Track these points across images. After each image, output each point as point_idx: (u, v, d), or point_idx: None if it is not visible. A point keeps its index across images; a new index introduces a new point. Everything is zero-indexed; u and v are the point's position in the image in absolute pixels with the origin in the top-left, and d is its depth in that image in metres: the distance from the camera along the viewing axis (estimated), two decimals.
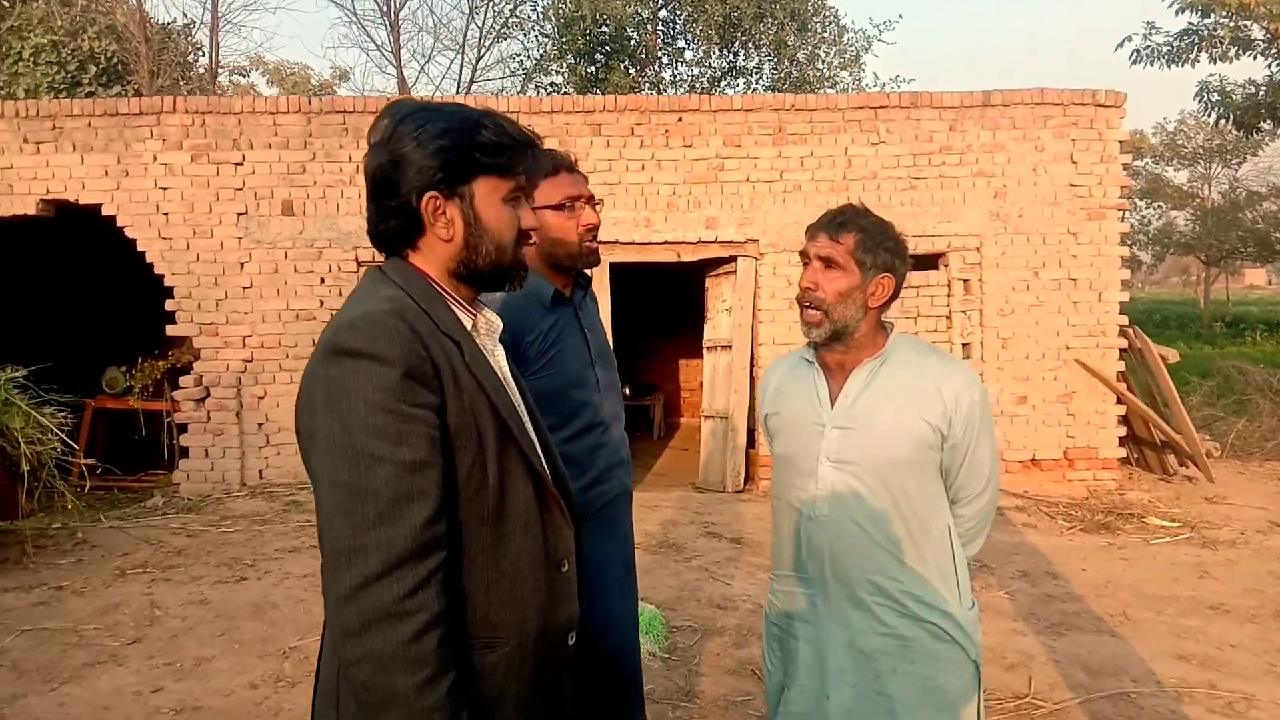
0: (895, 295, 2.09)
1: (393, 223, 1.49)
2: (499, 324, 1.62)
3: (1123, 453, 8.16)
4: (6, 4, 14.75)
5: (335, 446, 1.31)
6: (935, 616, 2.00)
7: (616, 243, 7.90)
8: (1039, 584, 5.33)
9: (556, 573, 1.53)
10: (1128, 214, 9.21)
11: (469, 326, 1.51)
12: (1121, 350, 8.12)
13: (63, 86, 14.05)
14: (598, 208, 2.40)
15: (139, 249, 7.82)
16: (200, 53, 18.05)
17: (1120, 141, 8.12)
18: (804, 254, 2.07)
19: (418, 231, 1.49)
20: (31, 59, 14.12)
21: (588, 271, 2.49)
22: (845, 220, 2.04)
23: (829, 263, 2.02)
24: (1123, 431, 8.11)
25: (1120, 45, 14.64)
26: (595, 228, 2.37)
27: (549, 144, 7.18)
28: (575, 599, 1.58)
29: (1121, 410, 8.05)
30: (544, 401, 2.25)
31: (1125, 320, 8.13)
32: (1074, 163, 8.05)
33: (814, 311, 2.03)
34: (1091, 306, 8.06)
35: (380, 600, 1.27)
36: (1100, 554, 5.95)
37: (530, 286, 2.27)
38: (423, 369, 1.35)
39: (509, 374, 1.61)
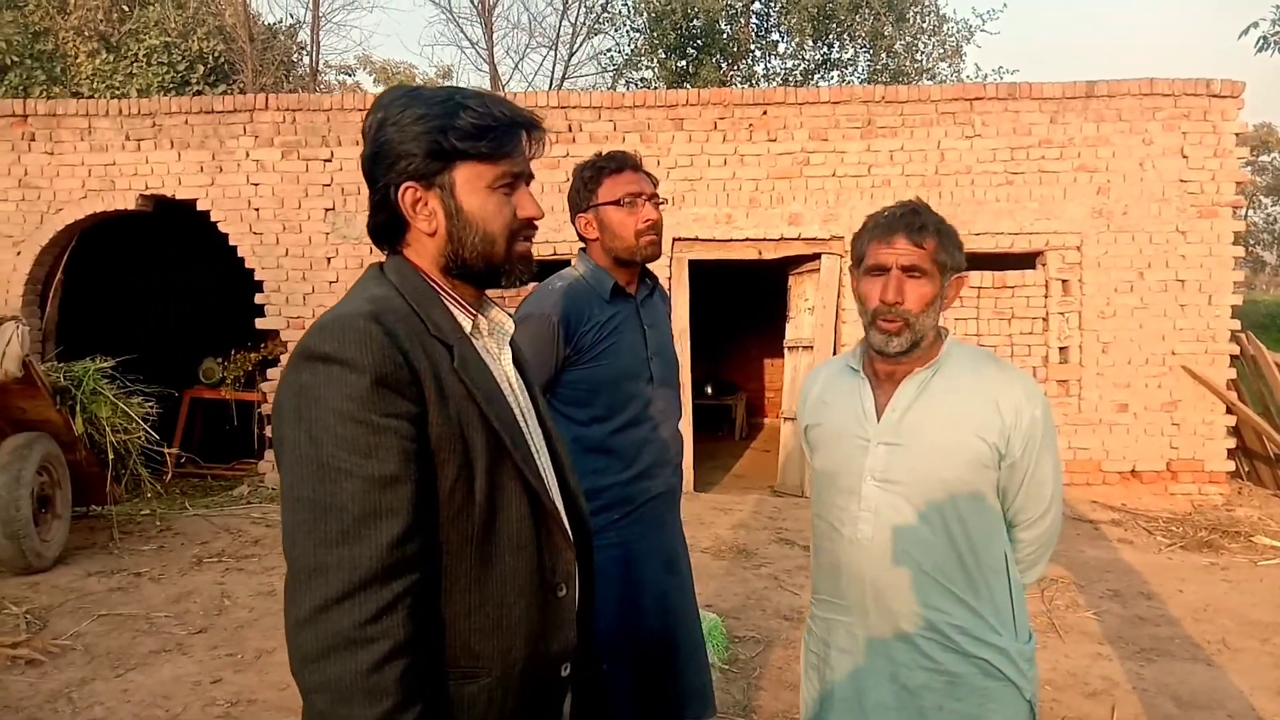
0: None
1: (380, 217, 1.41)
2: (509, 326, 1.52)
3: (1231, 466, 7.68)
4: (126, 8, 15.43)
5: (301, 458, 1.22)
6: (987, 652, 1.82)
7: (696, 239, 7.78)
8: (1131, 605, 5.01)
9: (551, 597, 1.41)
10: (1245, 211, 8.67)
11: (468, 328, 1.41)
12: (1233, 357, 7.63)
13: (172, 86, 14.60)
14: (660, 206, 2.42)
15: (231, 243, 8.04)
16: (303, 52, 18.56)
17: (1237, 134, 7.62)
18: (878, 265, 1.84)
19: (403, 226, 1.40)
20: (146, 60, 14.72)
21: (653, 269, 2.52)
22: (924, 222, 1.84)
23: (913, 271, 1.82)
24: (1232, 443, 7.63)
25: (1245, 32, 13.85)
26: (655, 224, 2.38)
27: (630, 139, 7.08)
28: (573, 626, 1.46)
29: (1231, 421, 7.57)
30: (593, 390, 2.31)
31: (1237, 325, 7.64)
32: (1185, 157, 7.60)
33: (895, 322, 1.82)
34: (1200, 310, 7.59)
35: (340, 625, 1.18)
36: (1201, 574, 5.58)
37: (593, 279, 2.38)
38: (397, 375, 1.25)
39: (514, 380, 1.49)
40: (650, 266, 2.49)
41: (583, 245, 2.46)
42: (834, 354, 7.74)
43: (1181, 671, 4.15)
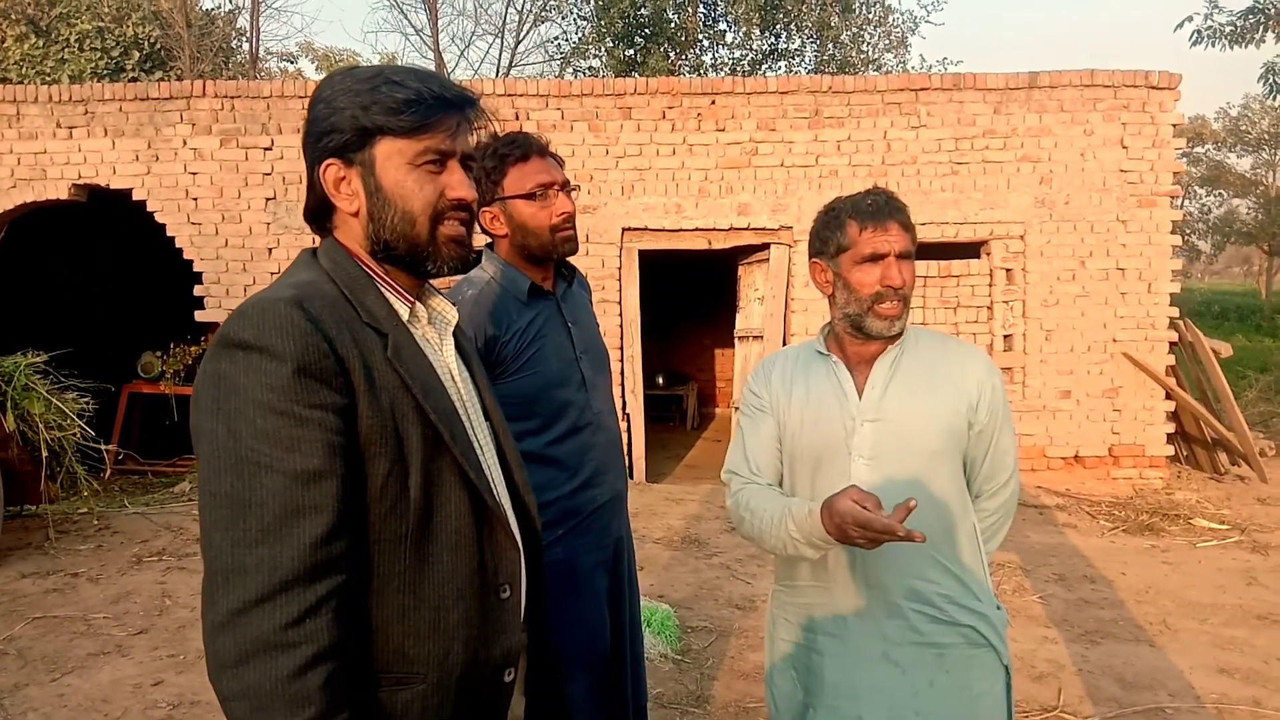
0: None
1: (310, 199, 1.36)
2: (451, 315, 1.45)
3: (1171, 450, 7.85)
4: None
5: (219, 451, 1.16)
6: (972, 619, 1.88)
7: (646, 229, 7.74)
8: (1075, 588, 5.09)
9: (494, 599, 1.35)
10: (1183, 201, 8.84)
11: (405, 316, 1.35)
12: (1171, 344, 7.80)
13: (106, 72, 14.20)
14: (573, 194, 2.24)
15: (169, 234, 7.83)
16: (243, 39, 18.16)
17: (1174, 125, 7.76)
18: (875, 252, 1.86)
19: (329, 207, 1.35)
20: (77, 45, 14.28)
21: (571, 261, 2.35)
22: (901, 208, 1.91)
23: (907, 255, 1.89)
24: (1171, 428, 7.81)
25: (1180, 26, 14.16)
26: (570, 216, 2.20)
27: (578, 128, 6.99)
28: (517, 630, 1.40)
29: (1170, 406, 7.74)
30: (525, 403, 2.14)
31: (1176, 312, 7.80)
32: (1124, 147, 7.73)
33: (897, 303, 1.87)
34: (1140, 298, 7.75)
35: (260, 629, 1.11)
36: (1142, 557, 5.69)
37: (506, 281, 2.18)
38: (321, 364, 1.19)
39: (456, 371, 1.43)
40: (601, 253, 2.38)
41: (489, 242, 2.27)
42: (783, 344, 7.77)
43: (1125, 653, 4.23)
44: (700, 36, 16.66)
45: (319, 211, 1.37)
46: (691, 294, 12.20)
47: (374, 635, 1.26)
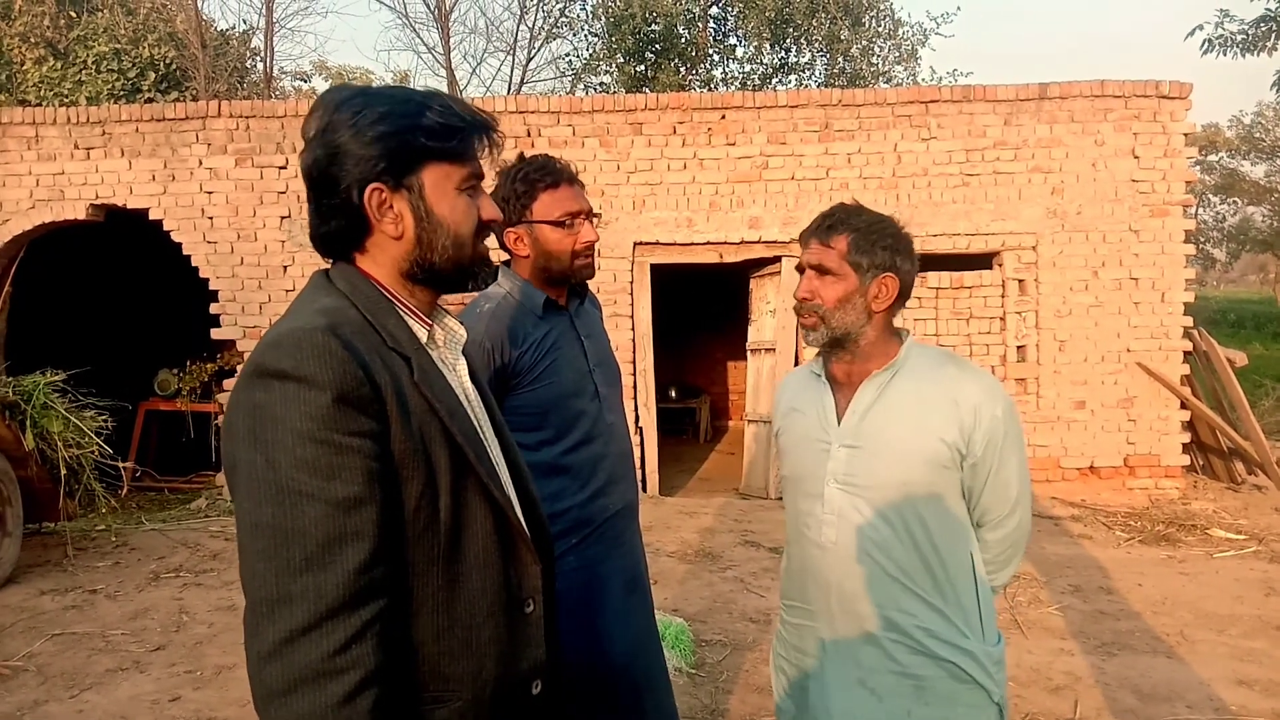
0: (902, 296, 1.91)
1: (335, 224, 1.34)
2: (462, 333, 1.48)
3: (1187, 460, 7.81)
4: (74, 14, 15.13)
5: (258, 482, 1.16)
6: (955, 655, 1.81)
7: (657, 243, 7.77)
8: (1091, 599, 5.07)
9: (519, 614, 1.38)
10: (1197, 210, 8.82)
11: (424, 339, 1.37)
12: (1186, 353, 7.76)
13: (122, 94, 14.33)
14: (595, 222, 2.30)
15: (185, 253, 7.90)
16: (257, 59, 18.33)
17: (1186, 134, 7.75)
18: (800, 266, 1.92)
19: (363, 231, 1.34)
20: (95, 67, 14.44)
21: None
22: (835, 223, 1.88)
23: (822, 270, 1.87)
24: (1187, 438, 7.76)
25: (1190, 34, 14.13)
26: (592, 245, 2.26)
27: (589, 144, 7.02)
28: (541, 643, 1.42)
29: (1186, 416, 7.70)
30: (540, 414, 2.18)
31: (1190, 321, 7.77)
32: (1136, 157, 7.72)
33: (809, 317, 1.89)
34: (1154, 307, 7.72)
35: (308, 657, 1.12)
36: (1159, 568, 5.66)
37: (522, 296, 2.23)
38: (359, 392, 1.20)
39: (471, 391, 1.46)
40: (613, 268, 2.41)
41: (506, 260, 2.30)
42: (795, 356, 7.78)
43: (1142, 664, 4.20)
44: (710, 51, 16.73)
45: (343, 236, 1.35)
46: (703, 307, 12.22)
47: (412, 656, 1.28)
